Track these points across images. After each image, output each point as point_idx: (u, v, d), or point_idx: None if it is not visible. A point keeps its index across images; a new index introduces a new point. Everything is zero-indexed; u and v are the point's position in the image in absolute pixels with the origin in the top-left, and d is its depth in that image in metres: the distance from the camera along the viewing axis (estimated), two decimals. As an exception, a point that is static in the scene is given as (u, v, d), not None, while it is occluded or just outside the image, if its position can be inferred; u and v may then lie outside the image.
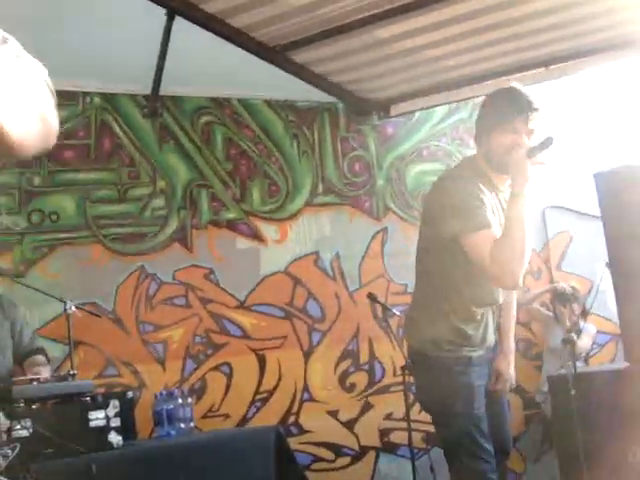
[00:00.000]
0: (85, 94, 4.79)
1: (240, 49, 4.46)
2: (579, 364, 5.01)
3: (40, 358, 3.95)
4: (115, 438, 3.45)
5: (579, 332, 5.26)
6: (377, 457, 5.25)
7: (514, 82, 3.15)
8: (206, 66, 4.67)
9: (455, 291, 2.93)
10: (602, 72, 5.41)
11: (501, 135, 2.83)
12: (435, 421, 3.08)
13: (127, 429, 3.69)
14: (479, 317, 2.96)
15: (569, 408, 4.38)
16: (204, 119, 5.13)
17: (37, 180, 4.63)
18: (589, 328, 5.53)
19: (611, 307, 5.14)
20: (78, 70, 4.48)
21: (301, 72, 4.87)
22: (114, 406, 3.48)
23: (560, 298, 5.45)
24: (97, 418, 3.41)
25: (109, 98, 4.88)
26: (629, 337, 4.64)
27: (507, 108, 2.84)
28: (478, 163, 2.95)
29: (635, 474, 3.87)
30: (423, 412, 4.29)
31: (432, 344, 2.94)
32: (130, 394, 3.99)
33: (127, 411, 3.80)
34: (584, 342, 5.38)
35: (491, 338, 3.05)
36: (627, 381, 4.45)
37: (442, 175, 3.17)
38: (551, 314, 5.63)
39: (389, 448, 5.27)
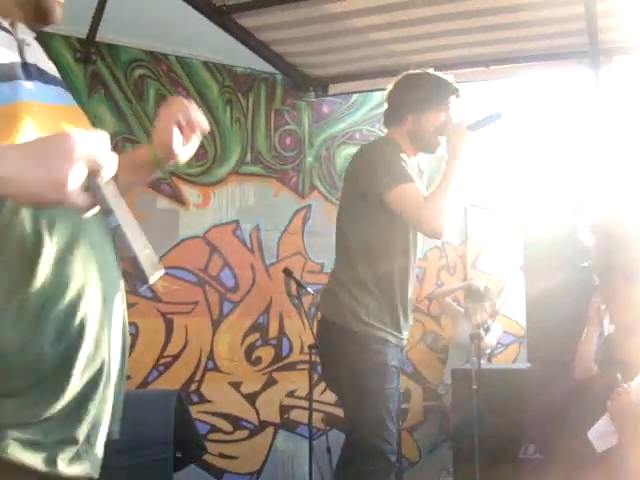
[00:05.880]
0: (16, 29, 4.57)
1: (184, 3, 4.32)
2: (482, 361, 5.11)
3: None
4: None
5: (487, 330, 5.37)
6: (275, 433, 5.23)
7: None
8: (146, 17, 4.50)
9: (368, 263, 2.94)
10: (540, 80, 5.50)
11: (435, 115, 2.95)
12: (344, 396, 3.04)
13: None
14: (388, 294, 2.96)
15: (469, 402, 4.46)
16: (138, 72, 4.97)
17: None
18: (496, 327, 5.64)
19: (518, 310, 5.26)
20: (12, 3, 4.27)
21: (244, 37, 4.75)
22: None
23: (473, 295, 5.53)
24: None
25: (41, 37, 4.64)
26: (534, 339, 4.75)
27: (439, 89, 2.98)
28: (396, 140, 3.02)
29: (524, 468, 3.97)
30: (326, 393, 4.26)
31: (354, 318, 2.92)
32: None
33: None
34: (490, 340, 5.49)
35: (403, 325, 3.03)
36: (528, 381, 4.56)
37: (363, 147, 3.20)
38: (462, 309, 5.72)
39: (288, 425, 5.26)
